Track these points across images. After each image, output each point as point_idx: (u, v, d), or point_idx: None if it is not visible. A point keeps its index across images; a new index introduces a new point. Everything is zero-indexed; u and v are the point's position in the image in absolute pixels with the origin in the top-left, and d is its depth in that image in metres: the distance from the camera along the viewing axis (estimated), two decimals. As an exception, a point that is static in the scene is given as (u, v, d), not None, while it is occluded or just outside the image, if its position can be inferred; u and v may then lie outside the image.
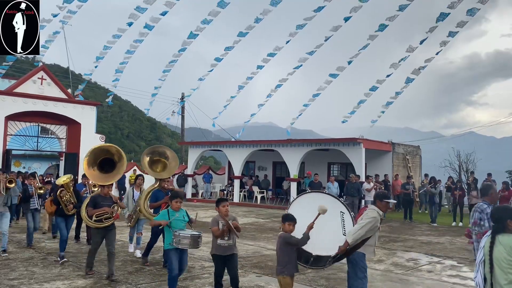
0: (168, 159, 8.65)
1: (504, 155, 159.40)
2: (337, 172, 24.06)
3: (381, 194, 5.93)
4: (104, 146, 8.16)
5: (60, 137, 21.36)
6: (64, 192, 8.90)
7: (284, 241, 5.35)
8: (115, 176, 7.89)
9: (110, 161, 7.91)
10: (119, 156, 7.96)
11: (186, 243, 6.05)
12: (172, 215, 6.34)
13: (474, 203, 15.76)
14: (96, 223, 7.39)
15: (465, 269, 8.96)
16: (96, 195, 7.75)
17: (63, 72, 39.16)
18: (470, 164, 29.51)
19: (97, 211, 7.36)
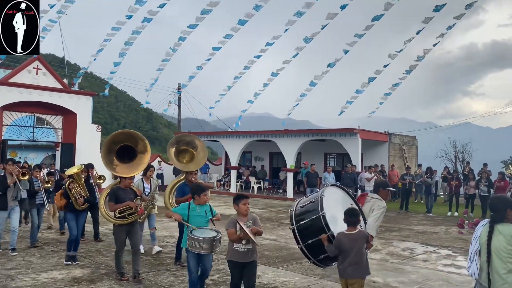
0: (197, 149, 7.94)
1: (499, 145, 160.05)
2: (334, 163, 24.12)
3: (384, 182, 6.01)
4: (125, 132, 7.13)
5: (56, 127, 21.27)
6: (73, 184, 7.78)
7: (365, 240, 4.88)
8: (138, 166, 6.92)
9: (129, 150, 6.95)
10: (142, 144, 6.99)
11: (199, 247, 5.28)
12: (193, 210, 5.66)
13: (471, 193, 15.92)
14: (119, 220, 6.65)
15: (460, 258, 9.04)
16: (116, 188, 6.83)
17: (59, 62, 38.88)
18: (466, 155, 29.66)
19: (120, 206, 6.61)
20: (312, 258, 5.42)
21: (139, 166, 6.95)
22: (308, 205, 5.53)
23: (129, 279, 6.64)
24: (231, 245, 5.14)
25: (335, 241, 4.81)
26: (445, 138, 31.68)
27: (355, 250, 4.69)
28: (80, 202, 7.75)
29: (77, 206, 7.76)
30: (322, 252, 5.26)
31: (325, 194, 5.45)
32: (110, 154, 6.84)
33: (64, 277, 6.84)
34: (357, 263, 4.69)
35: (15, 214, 8.48)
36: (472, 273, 3.67)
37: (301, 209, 5.59)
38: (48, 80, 20.29)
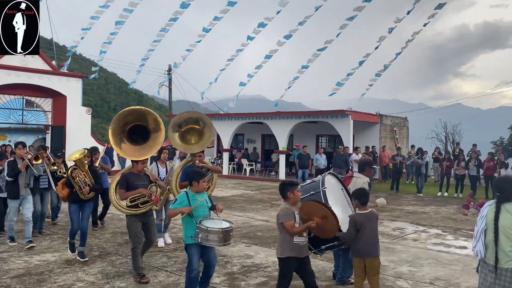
0: (204, 127, 6.96)
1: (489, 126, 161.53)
2: (326, 144, 24.20)
3: (368, 161, 6.15)
4: (135, 109, 6.24)
5: (45, 110, 21.06)
6: (77, 171, 6.83)
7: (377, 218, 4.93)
8: (151, 148, 6.11)
9: (141, 129, 6.15)
10: (155, 122, 6.13)
11: (215, 239, 4.74)
12: (193, 199, 4.99)
13: (461, 174, 16.11)
14: (131, 209, 5.89)
15: (449, 237, 9.19)
16: (127, 174, 6.05)
17: (47, 44, 38.26)
18: (456, 135, 29.91)
19: (131, 193, 5.83)
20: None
21: (152, 147, 6.14)
22: (309, 184, 5.67)
23: (149, 281, 5.84)
24: (290, 240, 4.59)
25: (352, 221, 4.83)
26: (436, 119, 31.88)
27: (370, 228, 4.78)
28: (86, 191, 6.84)
29: (82, 195, 6.86)
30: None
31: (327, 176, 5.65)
32: (119, 135, 6.03)
33: (57, 260, 6.85)
34: (374, 242, 4.81)
35: (27, 204, 7.79)
36: (477, 252, 3.73)
37: (302, 188, 5.66)
38: (36, 62, 19.99)
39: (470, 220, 11.20)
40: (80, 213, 6.93)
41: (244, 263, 6.88)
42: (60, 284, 5.72)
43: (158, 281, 5.94)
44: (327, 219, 4.55)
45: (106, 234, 8.76)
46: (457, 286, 6.02)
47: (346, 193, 5.86)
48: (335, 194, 5.54)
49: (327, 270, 6.49)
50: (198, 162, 6.85)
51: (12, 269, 6.32)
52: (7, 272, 6.17)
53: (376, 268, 4.86)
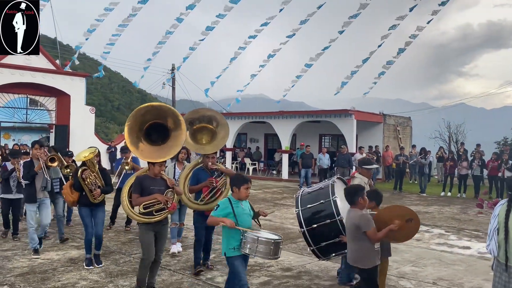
0: (218, 127, 6.43)
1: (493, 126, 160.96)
2: (329, 144, 24.18)
3: (362, 161, 6.11)
4: (154, 106, 5.63)
5: (49, 109, 21.12)
6: (87, 172, 6.32)
7: None
8: (170, 149, 5.46)
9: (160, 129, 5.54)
10: (175, 120, 5.48)
11: (265, 251, 4.34)
12: (236, 206, 4.55)
13: (464, 174, 16.08)
14: (145, 217, 5.22)
15: (453, 237, 9.17)
16: (142, 177, 5.42)
17: (51, 43, 38.35)
18: (460, 135, 29.80)
19: (146, 199, 5.20)
20: (312, 245, 5.43)
21: (172, 148, 5.46)
22: (317, 191, 5.56)
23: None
24: (372, 247, 4.42)
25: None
26: (439, 119, 31.76)
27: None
28: (97, 193, 6.35)
29: (93, 199, 6.36)
30: (324, 240, 5.30)
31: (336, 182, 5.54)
32: (136, 134, 5.43)
33: (61, 258, 6.88)
34: (387, 242, 4.80)
35: (45, 209, 7.12)
36: (491, 251, 3.72)
37: (309, 194, 5.60)
38: (40, 61, 20.05)
39: (473, 220, 11.18)
40: (93, 217, 6.45)
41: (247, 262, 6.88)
42: (64, 283, 5.74)
43: (161, 280, 5.95)
44: (411, 222, 4.49)
45: (110, 233, 8.78)
46: (460, 286, 6.01)
47: None
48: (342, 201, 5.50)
49: (330, 269, 6.50)
50: (211, 165, 6.27)
51: (16, 268, 6.35)
52: (11, 271, 6.20)
53: (385, 269, 4.88)
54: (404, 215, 4.49)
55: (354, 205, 4.57)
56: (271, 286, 5.84)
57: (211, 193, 6.09)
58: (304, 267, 6.71)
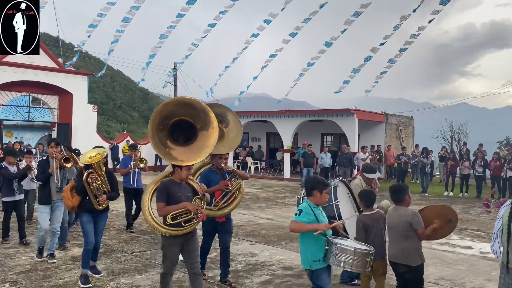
0: (228, 125, 5.79)
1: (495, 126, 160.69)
2: (331, 143, 24.16)
3: (364, 167, 6.05)
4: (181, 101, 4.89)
5: (52, 107, 21.16)
6: (93, 176, 5.63)
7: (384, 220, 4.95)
8: (201, 150, 4.73)
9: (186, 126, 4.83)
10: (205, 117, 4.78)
11: (362, 263, 3.96)
12: (318, 213, 4.13)
13: (466, 174, 16.06)
14: (172, 229, 4.54)
15: (454, 237, 9.16)
16: (168, 182, 4.68)
17: (53, 41, 38.40)
18: (462, 135, 29.78)
19: (174, 208, 4.51)
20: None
21: (202, 149, 4.75)
22: None
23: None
24: (420, 245, 4.55)
25: (359, 223, 4.84)
26: (441, 119, 31.73)
27: (377, 229, 4.79)
28: (103, 200, 5.73)
29: (97, 206, 5.73)
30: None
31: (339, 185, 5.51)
32: (161, 132, 4.76)
33: (63, 256, 6.89)
34: (381, 242, 4.82)
35: (57, 212, 6.71)
36: (494, 252, 3.70)
37: None
38: (42, 60, 20.08)
39: (475, 220, 11.16)
40: (94, 224, 5.84)
41: (249, 261, 6.90)
42: (65, 281, 5.75)
43: (163, 278, 5.96)
44: (451, 222, 4.56)
45: (112, 231, 8.80)
46: (462, 286, 6.00)
47: (351, 197, 5.83)
48: (344, 204, 5.47)
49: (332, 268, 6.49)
50: (225, 166, 5.75)
51: (19, 265, 6.37)
52: (13, 268, 6.22)
53: (383, 268, 4.87)
54: (446, 215, 4.55)
55: (400, 203, 4.56)
56: (272, 285, 5.84)
57: (224, 198, 5.60)
58: (305, 266, 6.70)
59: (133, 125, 52.94)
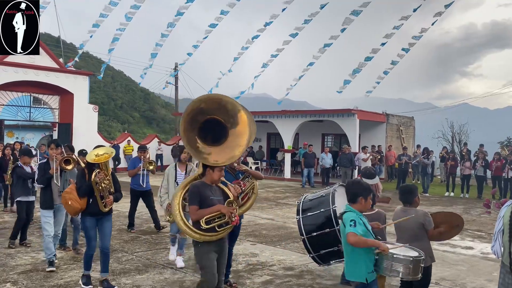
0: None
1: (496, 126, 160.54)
2: (331, 143, 24.16)
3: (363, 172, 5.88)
4: (212, 98, 4.67)
5: (52, 107, 21.18)
6: (101, 175, 5.34)
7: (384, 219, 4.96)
8: (233, 149, 4.53)
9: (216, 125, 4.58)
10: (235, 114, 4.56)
11: (416, 271, 3.82)
12: (365, 222, 3.89)
13: (466, 174, 16.06)
14: (207, 234, 4.29)
15: (455, 237, 9.12)
16: (200, 185, 4.43)
17: (54, 41, 38.46)
18: (463, 135, 29.73)
19: (208, 212, 4.29)
20: (312, 252, 5.43)
21: (235, 149, 4.53)
22: (318, 199, 5.54)
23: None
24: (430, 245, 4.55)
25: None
26: (442, 119, 31.69)
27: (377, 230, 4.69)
28: (110, 201, 5.45)
29: (103, 207, 5.42)
30: (324, 248, 5.31)
31: (338, 190, 5.48)
32: (191, 132, 4.51)
33: (64, 256, 6.90)
34: None
35: (61, 216, 6.50)
36: (495, 252, 3.69)
37: (310, 202, 5.58)
38: (44, 60, 20.10)
39: (476, 221, 11.15)
40: (99, 228, 5.52)
41: (249, 261, 6.90)
42: (66, 280, 5.76)
43: (163, 278, 5.97)
44: (458, 227, 4.63)
45: (113, 231, 8.76)
46: (463, 286, 6.00)
47: None
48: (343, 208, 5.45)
49: (332, 269, 6.49)
50: (238, 165, 5.53)
51: (20, 265, 6.37)
52: (14, 268, 6.22)
53: None
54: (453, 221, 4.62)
55: (409, 204, 4.54)
56: (273, 285, 5.84)
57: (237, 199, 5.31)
58: (306, 266, 6.71)
59: (134, 125, 52.99)
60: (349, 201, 3.97)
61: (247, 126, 4.56)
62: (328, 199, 5.35)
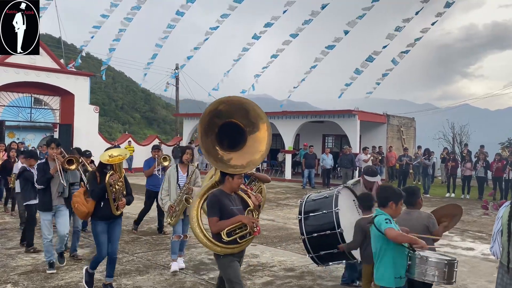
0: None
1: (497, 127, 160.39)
2: (332, 144, 24.15)
3: (366, 170, 5.93)
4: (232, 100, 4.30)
5: (53, 108, 21.20)
6: (115, 177, 5.14)
7: None
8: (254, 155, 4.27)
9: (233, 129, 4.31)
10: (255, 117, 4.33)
11: (451, 275, 3.72)
12: (395, 226, 3.78)
13: (467, 175, 16.05)
14: (229, 246, 4.08)
15: (456, 238, 9.15)
16: (219, 193, 4.20)
17: (55, 42, 38.51)
18: (464, 136, 29.72)
19: (229, 223, 4.06)
20: (311, 252, 5.41)
21: (254, 155, 4.26)
22: (321, 199, 5.52)
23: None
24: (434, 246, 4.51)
25: (357, 227, 4.75)
26: (443, 120, 31.69)
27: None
28: (122, 204, 5.26)
29: (115, 210, 5.23)
30: (323, 249, 5.28)
31: (341, 192, 5.47)
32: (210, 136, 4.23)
33: (65, 256, 6.89)
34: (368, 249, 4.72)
35: (62, 217, 6.21)
36: (494, 253, 3.69)
37: (313, 202, 5.56)
38: (44, 61, 20.13)
39: (477, 222, 11.14)
40: (109, 233, 5.32)
41: (250, 262, 6.89)
42: (67, 281, 5.76)
43: (164, 279, 5.96)
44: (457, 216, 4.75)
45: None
46: (464, 287, 5.99)
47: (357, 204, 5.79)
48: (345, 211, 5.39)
49: (333, 270, 6.49)
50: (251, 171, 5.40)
51: (20, 266, 6.37)
52: (15, 269, 6.22)
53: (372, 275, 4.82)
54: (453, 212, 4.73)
55: (412, 206, 4.48)
56: (274, 286, 5.84)
57: None
58: (307, 267, 6.70)
59: (135, 126, 53.04)
60: (379, 205, 3.91)
61: (266, 131, 4.32)
62: (331, 201, 5.32)
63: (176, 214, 6.13)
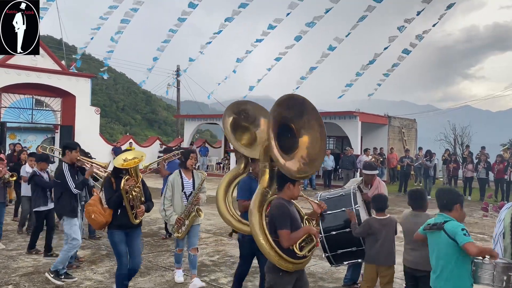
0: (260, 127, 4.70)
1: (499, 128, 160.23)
2: (333, 146, 24.13)
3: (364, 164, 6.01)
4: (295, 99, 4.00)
5: (55, 109, 21.22)
6: (131, 182, 4.75)
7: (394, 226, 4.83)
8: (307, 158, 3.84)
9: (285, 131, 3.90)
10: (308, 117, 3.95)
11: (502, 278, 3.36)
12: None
13: (469, 176, 16.02)
14: (300, 262, 3.66)
15: (458, 240, 9.12)
16: (285, 203, 3.71)
17: (56, 44, 38.55)
18: (465, 138, 29.70)
19: (299, 236, 3.63)
20: (328, 251, 5.30)
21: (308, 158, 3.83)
22: (337, 197, 5.44)
23: None
24: None
25: (366, 224, 4.78)
26: (444, 121, 31.67)
27: (386, 236, 4.72)
28: (141, 211, 4.84)
29: (133, 219, 4.82)
30: (342, 248, 5.21)
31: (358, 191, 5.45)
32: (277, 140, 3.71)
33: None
34: (390, 249, 4.74)
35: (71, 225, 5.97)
36: None
37: (328, 200, 5.49)
38: (46, 62, 20.14)
39: (478, 223, 11.12)
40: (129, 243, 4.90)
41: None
42: (68, 283, 5.75)
43: (165, 280, 5.95)
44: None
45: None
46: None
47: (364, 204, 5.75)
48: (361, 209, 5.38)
49: (334, 272, 6.47)
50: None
51: (21, 267, 6.37)
52: (16, 270, 6.22)
53: (390, 277, 4.78)
54: None
55: (420, 209, 4.42)
56: None
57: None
58: (308, 269, 6.68)
59: (136, 127, 53.07)
60: (442, 209, 3.66)
61: (322, 132, 3.98)
62: (349, 198, 5.28)
63: (186, 226, 5.59)
